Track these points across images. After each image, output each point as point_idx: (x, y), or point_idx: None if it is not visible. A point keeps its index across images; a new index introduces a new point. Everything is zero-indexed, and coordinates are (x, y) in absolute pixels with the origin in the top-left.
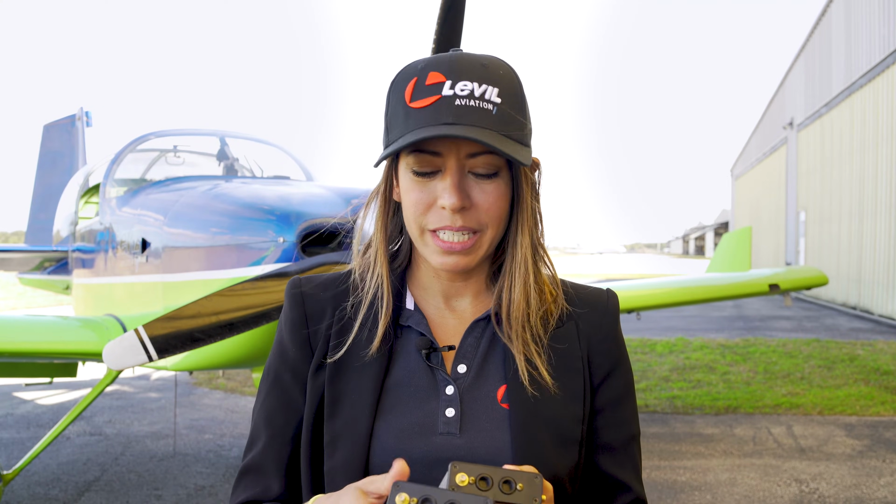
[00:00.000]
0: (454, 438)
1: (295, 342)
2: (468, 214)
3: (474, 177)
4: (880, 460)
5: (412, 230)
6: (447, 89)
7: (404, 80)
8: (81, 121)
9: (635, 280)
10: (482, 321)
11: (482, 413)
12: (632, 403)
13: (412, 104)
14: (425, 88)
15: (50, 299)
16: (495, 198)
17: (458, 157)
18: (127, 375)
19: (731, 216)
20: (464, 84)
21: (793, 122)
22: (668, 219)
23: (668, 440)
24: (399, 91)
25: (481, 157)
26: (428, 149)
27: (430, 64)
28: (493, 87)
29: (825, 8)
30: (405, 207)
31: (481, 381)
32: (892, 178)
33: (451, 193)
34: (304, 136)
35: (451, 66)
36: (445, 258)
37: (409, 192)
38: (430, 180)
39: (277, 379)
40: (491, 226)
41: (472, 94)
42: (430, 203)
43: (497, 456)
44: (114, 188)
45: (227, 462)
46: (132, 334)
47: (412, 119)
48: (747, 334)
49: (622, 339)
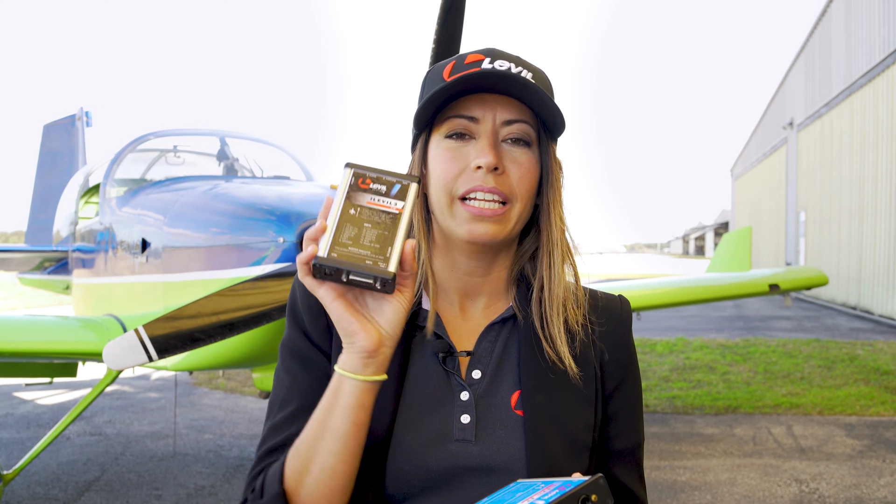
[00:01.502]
0: (469, 445)
1: (316, 328)
2: (500, 179)
3: (508, 145)
4: (880, 460)
5: (440, 202)
6: (486, 64)
7: (441, 66)
8: (81, 121)
9: (635, 280)
10: (497, 325)
11: (496, 420)
12: (640, 411)
13: (449, 77)
14: (464, 66)
15: (50, 299)
16: (528, 168)
17: (494, 122)
18: (127, 375)
19: (731, 216)
20: (501, 62)
21: (793, 122)
22: (668, 219)
23: (668, 440)
24: (436, 75)
25: (516, 124)
26: (464, 114)
27: (468, 52)
28: (528, 70)
29: (825, 8)
30: (435, 177)
31: (495, 386)
32: (892, 178)
33: (486, 152)
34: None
35: (489, 51)
36: (475, 225)
37: (439, 161)
38: (463, 144)
39: (298, 349)
40: (521, 198)
41: (510, 70)
42: (462, 168)
43: (511, 463)
44: (114, 188)
45: (227, 462)
46: (132, 334)
47: (452, 83)
48: (747, 334)
49: (634, 347)
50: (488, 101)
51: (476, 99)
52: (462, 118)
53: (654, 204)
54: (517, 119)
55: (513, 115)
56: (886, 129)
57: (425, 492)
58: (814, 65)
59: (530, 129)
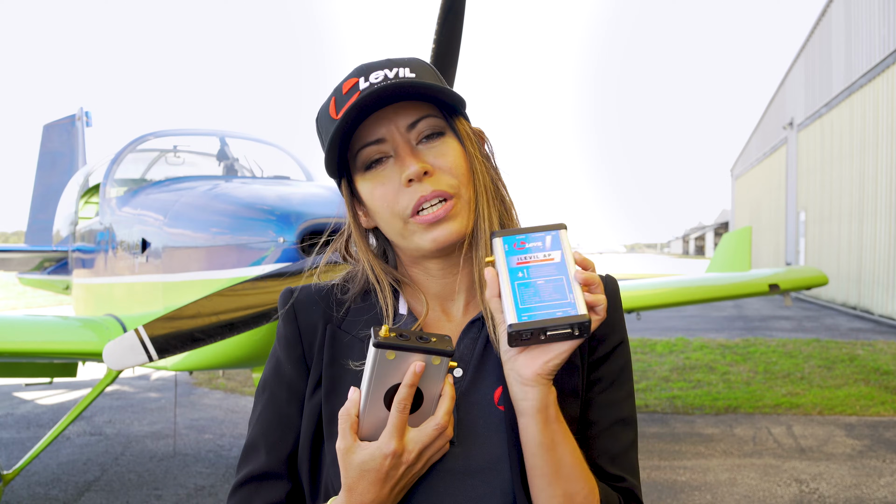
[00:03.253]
0: (451, 448)
1: (290, 359)
2: (435, 178)
3: (424, 144)
4: (880, 460)
5: (393, 228)
6: (362, 84)
7: (325, 108)
8: (81, 121)
9: (635, 280)
10: (477, 322)
11: (478, 418)
12: (627, 388)
13: (338, 115)
14: (343, 97)
15: (50, 299)
16: (453, 155)
17: (399, 131)
18: (127, 375)
19: (731, 216)
20: (375, 74)
21: (793, 122)
22: (668, 219)
23: (668, 440)
24: (324, 117)
25: (421, 122)
26: (369, 140)
27: (342, 81)
28: (403, 67)
29: (825, 8)
30: (377, 210)
31: (478, 383)
32: (892, 178)
33: (408, 163)
34: (304, 136)
35: (360, 69)
36: (435, 231)
37: (373, 194)
38: (384, 168)
39: (273, 395)
40: (462, 184)
41: (386, 77)
42: (396, 189)
43: (494, 464)
44: (114, 188)
45: (227, 462)
46: (132, 334)
47: (341, 121)
48: (747, 334)
49: (622, 325)
50: (383, 116)
51: (372, 121)
52: (369, 146)
53: (654, 204)
54: (417, 118)
55: (412, 117)
56: (886, 129)
57: (410, 498)
58: (814, 65)
59: (435, 119)
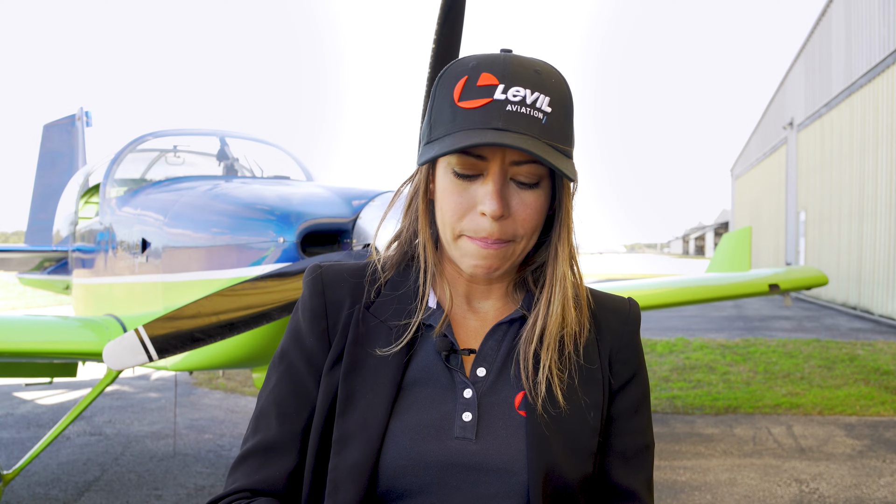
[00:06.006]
0: (469, 444)
1: (313, 332)
2: (505, 224)
3: (516, 185)
4: (880, 460)
5: (445, 232)
6: (499, 93)
7: (453, 77)
8: (81, 121)
9: (635, 280)
10: (504, 324)
11: (499, 419)
12: (647, 413)
13: (461, 103)
14: (476, 89)
15: (50, 299)
16: (534, 210)
17: (503, 163)
18: (127, 375)
19: (731, 216)
20: (516, 90)
21: (793, 122)
22: (668, 219)
23: (668, 440)
24: (447, 88)
25: (525, 165)
26: (473, 152)
27: (482, 64)
28: (545, 95)
29: (825, 8)
30: (442, 209)
31: (500, 385)
32: (892, 178)
33: (492, 199)
34: (304, 136)
35: (505, 69)
36: (478, 261)
37: (447, 193)
38: (471, 183)
39: (291, 366)
40: (525, 237)
41: (524, 101)
42: (469, 207)
43: (511, 464)
44: (114, 188)
45: (228, 462)
46: (132, 334)
47: (460, 119)
48: (747, 334)
49: (641, 349)
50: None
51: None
52: (471, 156)
53: (654, 204)
54: (527, 160)
55: (523, 157)
56: (886, 129)
57: (422, 489)
58: (814, 65)
59: (540, 168)
